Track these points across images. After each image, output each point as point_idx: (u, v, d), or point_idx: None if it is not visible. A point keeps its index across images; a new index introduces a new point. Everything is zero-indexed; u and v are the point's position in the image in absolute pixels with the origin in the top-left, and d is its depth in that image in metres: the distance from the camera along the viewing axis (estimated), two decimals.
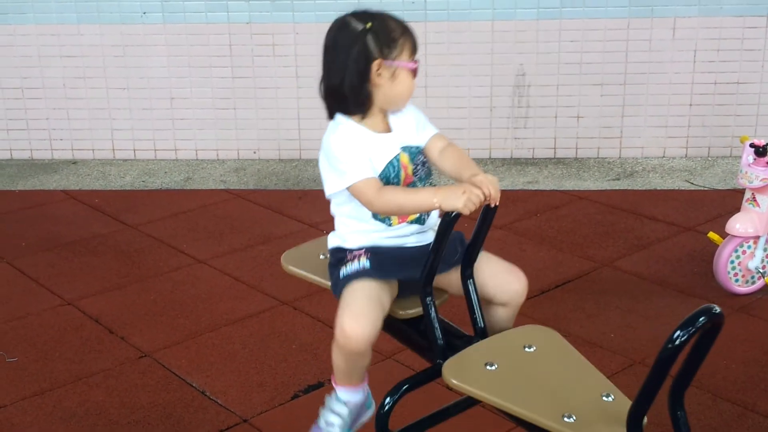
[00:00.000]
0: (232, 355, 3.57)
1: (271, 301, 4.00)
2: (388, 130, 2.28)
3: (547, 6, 5.57)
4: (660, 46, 5.59)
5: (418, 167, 2.32)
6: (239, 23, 5.75)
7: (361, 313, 2.16)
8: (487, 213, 2.26)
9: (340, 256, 2.32)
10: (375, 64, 2.17)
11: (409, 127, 2.31)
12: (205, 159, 5.98)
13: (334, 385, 2.43)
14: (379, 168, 2.22)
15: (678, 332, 1.74)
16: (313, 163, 5.85)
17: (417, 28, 6.20)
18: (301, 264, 2.54)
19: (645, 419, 1.88)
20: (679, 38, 5.57)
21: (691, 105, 5.67)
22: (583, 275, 4.18)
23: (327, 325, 3.76)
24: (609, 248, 4.45)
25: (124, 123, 5.96)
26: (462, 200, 2.07)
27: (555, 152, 5.83)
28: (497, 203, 2.16)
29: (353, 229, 2.29)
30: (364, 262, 2.24)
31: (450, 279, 2.36)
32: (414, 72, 2.23)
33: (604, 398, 1.98)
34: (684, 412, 1.93)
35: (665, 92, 5.67)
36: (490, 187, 2.12)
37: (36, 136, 6.03)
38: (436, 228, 2.32)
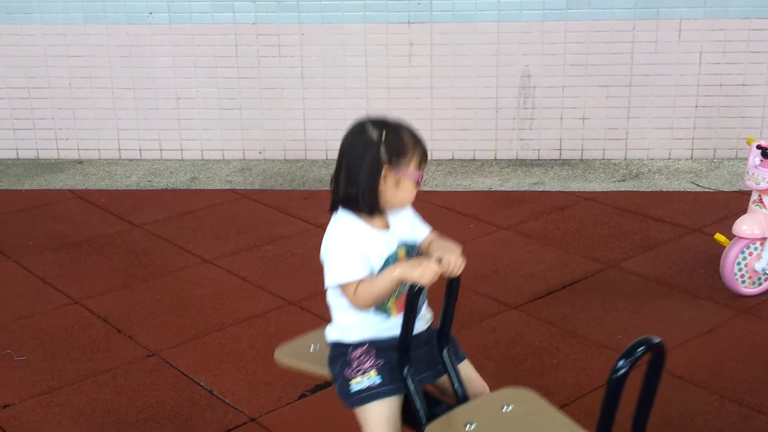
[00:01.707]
0: (239, 354, 3.58)
1: (277, 300, 4.00)
2: (387, 226, 2.37)
3: (552, 7, 5.58)
4: (665, 48, 5.60)
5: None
6: (245, 24, 5.76)
7: (390, 429, 2.31)
8: (451, 284, 2.37)
9: (340, 350, 2.39)
10: (383, 170, 2.27)
11: (405, 225, 2.41)
12: (211, 159, 5.99)
13: None
14: (379, 263, 2.30)
15: (621, 362, 1.80)
16: (319, 163, 5.86)
17: (422, 30, 6.20)
18: (294, 358, 2.62)
19: None
20: (684, 40, 5.58)
21: (696, 107, 5.68)
22: (590, 276, 4.18)
23: None
24: (615, 249, 4.46)
25: (130, 123, 5.98)
26: (417, 271, 2.18)
27: (560, 153, 5.83)
28: (457, 274, 2.26)
29: (352, 320, 2.36)
30: (375, 378, 2.32)
31: (447, 384, 2.46)
32: (417, 183, 2.33)
33: None
34: None
35: (671, 94, 5.67)
36: (450, 258, 2.23)
37: (42, 135, 6.04)
38: (425, 317, 2.43)
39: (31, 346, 3.67)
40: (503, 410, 2.23)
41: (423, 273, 2.19)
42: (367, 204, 2.28)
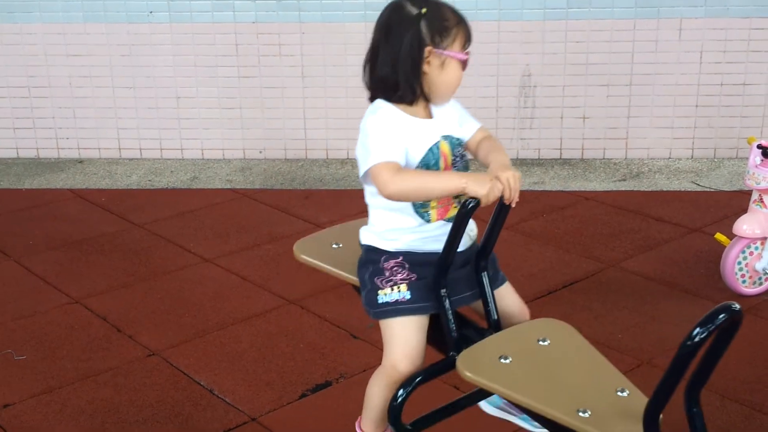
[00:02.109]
0: (239, 353, 3.57)
1: (278, 300, 4.00)
2: (430, 117, 2.25)
3: (553, 6, 5.57)
4: (666, 47, 5.59)
5: (457, 159, 2.30)
6: (245, 23, 5.76)
7: (411, 350, 2.22)
8: (501, 210, 2.26)
9: (373, 257, 2.27)
10: (426, 51, 2.14)
11: (451, 118, 2.29)
12: (211, 158, 5.99)
13: (359, 431, 2.44)
14: (419, 153, 2.18)
15: (697, 329, 1.73)
16: (319, 162, 5.86)
17: None
18: (314, 253, 2.50)
19: (661, 416, 1.87)
20: (685, 39, 5.57)
21: (697, 106, 5.67)
22: (590, 276, 4.18)
23: (334, 324, 3.76)
24: (616, 249, 4.46)
25: (130, 122, 5.97)
26: (486, 188, 2.07)
27: (561, 153, 5.83)
28: (514, 203, 2.16)
29: (388, 225, 2.24)
30: (405, 293, 2.22)
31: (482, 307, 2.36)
32: (464, 64, 2.19)
33: (619, 393, 1.97)
34: (700, 410, 1.93)
35: (671, 93, 5.67)
36: (511, 182, 2.11)
37: (42, 134, 6.04)
38: (472, 233, 2.32)
39: (31, 346, 3.67)
40: (540, 344, 2.13)
41: (491, 191, 2.06)
42: (410, 89, 2.14)
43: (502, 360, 2.06)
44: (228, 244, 4.64)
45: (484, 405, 2.55)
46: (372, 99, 2.25)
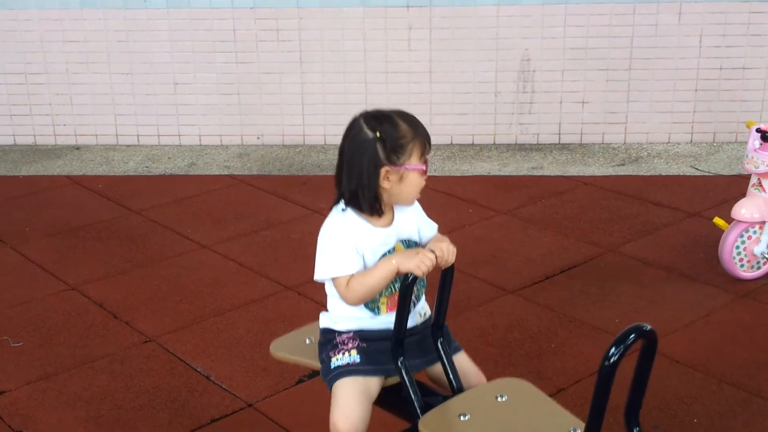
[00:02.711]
0: (236, 340, 3.57)
1: (275, 286, 3.99)
2: (390, 222, 2.33)
3: None
4: (666, 32, 5.56)
5: None
6: (243, 8, 5.73)
7: (351, 412, 2.26)
8: (444, 279, 2.34)
9: (329, 336, 2.38)
10: (383, 171, 2.23)
11: (410, 222, 2.38)
12: (209, 144, 5.97)
13: None
14: (374, 259, 2.28)
15: (612, 349, 1.80)
16: (317, 148, 5.84)
17: (422, 14, 6.16)
18: (289, 350, 2.61)
19: None
20: (684, 23, 5.54)
21: (696, 90, 5.65)
22: (588, 260, 4.17)
23: None
24: (614, 234, 4.44)
25: (127, 108, 5.95)
26: (414, 261, 2.17)
27: (560, 138, 5.81)
28: (451, 263, 2.25)
29: (343, 313, 2.35)
30: (354, 357, 2.31)
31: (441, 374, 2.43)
32: (424, 173, 2.28)
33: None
34: (640, 429, 1.99)
35: (671, 78, 5.64)
36: (442, 247, 2.22)
37: (39, 121, 6.02)
38: (422, 311, 2.41)
39: (28, 333, 3.66)
40: (498, 400, 2.23)
41: (420, 262, 2.17)
42: (368, 203, 2.25)
43: (462, 417, 2.15)
44: (225, 230, 4.62)
45: None
46: (336, 203, 2.34)
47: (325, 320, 2.42)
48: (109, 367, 3.39)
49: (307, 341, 2.60)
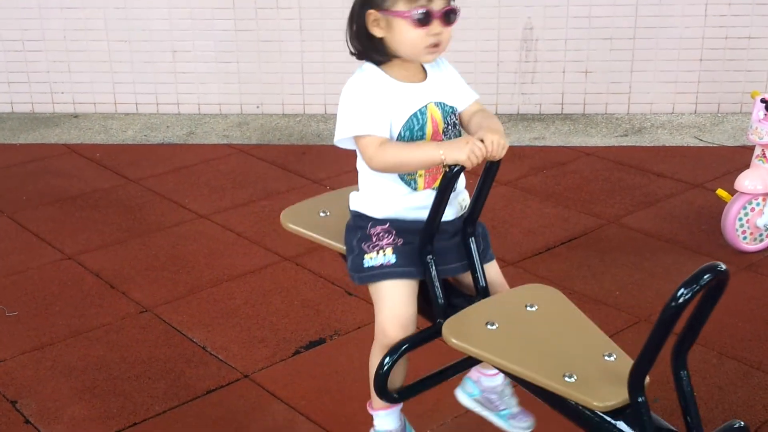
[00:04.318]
0: (233, 310, 3.54)
1: (273, 256, 3.96)
2: (421, 79, 2.18)
3: None
4: (671, 0, 5.48)
5: (449, 128, 2.22)
6: None
7: (398, 313, 2.17)
8: (487, 174, 2.19)
9: (361, 223, 2.23)
10: (369, 15, 2.10)
11: (447, 84, 2.22)
12: (208, 113, 5.92)
13: (371, 412, 2.39)
14: (402, 118, 2.11)
15: (681, 290, 1.68)
16: (317, 117, 5.78)
17: None
18: (301, 222, 2.47)
19: (647, 378, 1.84)
20: None
21: (701, 60, 5.58)
22: (590, 232, 4.13)
23: (329, 281, 3.72)
24: (616, 205, 4.40)
25: (125, 76, 5.89)
26: (465, 152, 2.01)
27: (562, 108, 5.75)
28: (499, 158, 2.09)
29: (377, 191, 2.19)
30: (390, 257, 2.17)
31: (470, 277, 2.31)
32: (415, 21, 2.07)
33: (606, 358, 1.94)
34: (687, 372, 1.89)
35: (675, 47, 5.57)
36: (493, 140, 2.04)
37: (37, 89, 5.97)
38: (463, 203, 2.27)
39: (24, 302, 3.64)
40: (528, 309, 2.10)
41: (470, 152, 2.00)
42: (367, 53, 2.12)
43: (489, 326, 2.03)
44: (224, 200, 4.59)
45: (461, 396, 2.52)
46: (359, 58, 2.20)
47: (357, 202, 2.25)
48: (105, 337, 3.37)
49: (322, 214, 2.45)
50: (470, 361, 2.32)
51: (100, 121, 5.82)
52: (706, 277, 1.69)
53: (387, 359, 2.14)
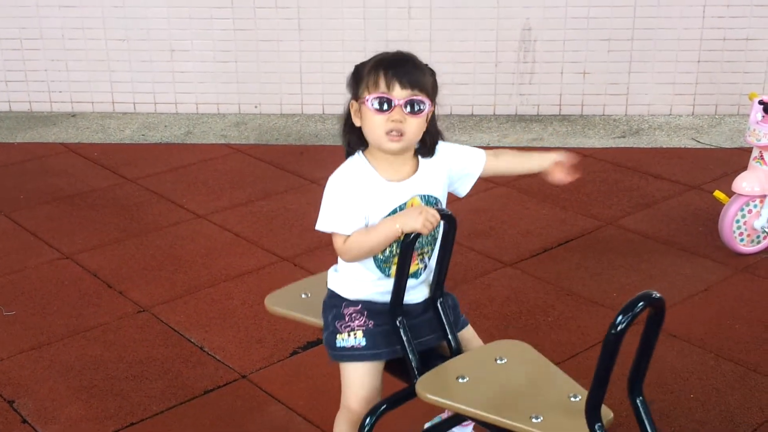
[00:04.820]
0: (231, 310, 3.54)
1: (270, 257, 3.96)
2: (410, 174, 2.20)
3: None
4: (669, 1, 5.49)
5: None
6: None
7: (363, 392, 2.26)
8: (446, 236, 2.25)
9: (335, 302, 2.31)
10: (352, 107, 2.17)
11: (436, 176, 2.25)
12: (206, 113, 5.91)
13: None
14: (382, 214, 2.16)
15: (619, 317, 1.77)
16: (315, 118, 5.78)
17: None
18: (284, 305, 2.55)
19: (608, 411, 1.93)
20: None
21: (699, 62, 5.59)
22: (587, 233, 4.14)
23: None
24: (613, 206, 4.40)
25: (123, 75, 5.89)
26: (420, 220, 2.07)
27: (560, 109, 5.75)
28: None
29: (351, 275, 2.27)
30: (360, 340, 2.25)
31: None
32: (377, 109, 2.09)
33: (572, 399, 2.03)
34: (644, 399, 1.97)
35: (673, 48, 5.57)
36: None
37: (35, 88, 5.96)
38: (430, 283, 2.33)
39: (21, 301, 3.64)
40: (497, 363, 2.18)
41: (424, 222, 2.05)
42: (350, 144, 2.18)
43: (460, 380, 2.12)
44: (221, 200, 4.59)
45: None
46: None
47: (334, 281, 2.32)
48: (103, 337, 3.37)
49: (303, 296, 2.55)
50: (458, 419, 2.42)
51: (98, 121, 5.81)
52: (640, 304, 1.78)
53: (367, 420, 2.20)
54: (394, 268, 2.23)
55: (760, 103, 3.75)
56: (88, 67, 5.89)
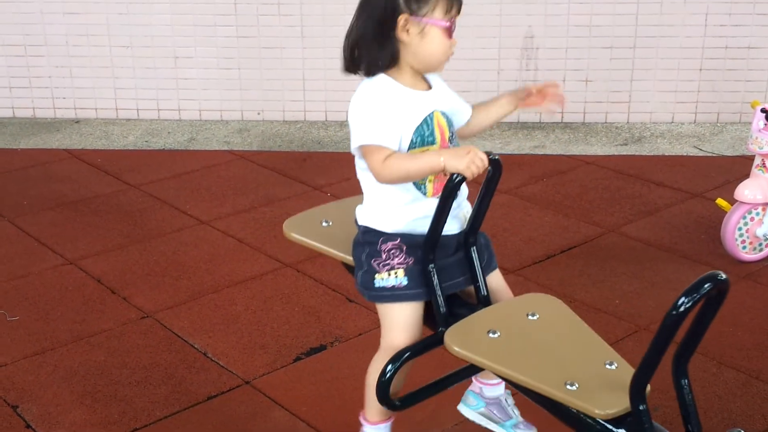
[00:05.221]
0: (234, 316, 3.55)
1: (273, 263, 3.97)
2: (427, 88, 2.19)
3: None
4: (671, 9, 5.50)
5: (453, 136, 2.25)
6: None
7: (405, 331, 2.21)
8: (489, 182, 2.21)
9: (370, 239, 2.22)
10: (401, 19, 2.08)
11: (448, 94, 2.24)
12: (209, 119, 5.93)
13: (364, 423, 2.41)
14: (412, 125, 2.12)
15: (682, 299, 1.71)
16: (318, 124, 5.80)
17: None
18: (303, 231, 2.48)
19: (648, 387, 1.86)
20: (690, 1, 5.48)
21: (701, 69, 5.60)
22: (589, 241, 4.14)
23: (330, 288, 3.73)
24: (616, 214, 4.41)
25: (127, 82, 5.90)
26: (465, 161, 2.02)
27: (562, 116, 5.77)
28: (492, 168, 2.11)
29: (386, 203, 2.19)
30: (402, 279, 2.18)
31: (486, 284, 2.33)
32: (448, 31, 2.11)
33: (608, 366, 1.96)
34: (688, 381, 1.92)
35: (675, 56, 5.59)
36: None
37: (38, 94, 5.98)
38: (466, 215, 2.28)
39: (25, 307, 3.65)
40: (529, 318, 2.11)
41: (470, 162, 2.00)
42: (382, 56, 2.09)
43: (491, 335, 2.04)
44: (224, 206, 4.60)
45: (464, 410, 2.54)
46: (353, 71, 2.19)
47: (365, 216, 2.24)
48: (106, 343, 3.38)
49: (324, 224, 2.47)
50: (471, 370, 2.33)
51: (102, 127, 5.83)
52: (706, 285, 1.71)
53: (389, 366, 2.16)
54: (429, 186, 2.17)
55: (763, 111, 3.76)
56: (92, 74, 5.91)
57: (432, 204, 2.16)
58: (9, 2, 5.80)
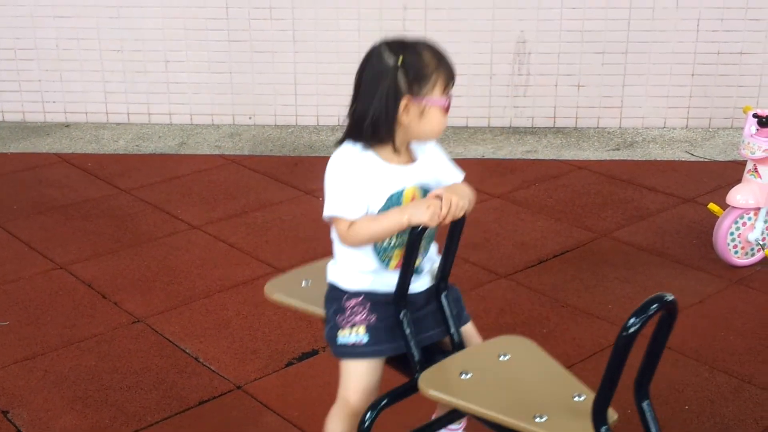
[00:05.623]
0: (225, 321, 3.53)
1: (265, 267, 3.95)
2: (408, 161, 2.21)
3: None
4: (663, 15, 5.52)
5: None
6: None
7: (362, 387, 2.25)
8: (453, 230, 2.23)
9: (336, 295, 2.28)
10: (403, 102, 2.10)
11: (432, 167, 2.24)
12: (200, 124, 5.91)
13: None
14: (383, 198, 2.15)
15: (632, 319, 1.76)
16: (309, 129, 5.79)
17: None
18: (284, 292, 2.54)
19: (613, 413, 1.91)
20: (682, 6, 5.50)
21: (693, 75, 5.61)
22: (582, 245, 4.14)
23: None
24: (607, 219, 4.41)
25: (118, 86, 5.89)
26: (428, 213, 2.06)
27: (555, 121, 5.77)
28: (456, 215, 2.11)
29: (351, 265, 2.24)
30: (362, 336, 2.23)
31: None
32: (446, 109, 2.15)
33: (576, 398, 2.02)
34: (650, 403, 1.96)
35: (668, 61, 5.60)
36: (451, 199, 2.08)
37: (28, 98, 5.95)
38: (434, 273, 2.31)
39: (15, 311, 3.62)
40: (500, 359, 2.16)
41: (432, 215, 2.05)
42: (378, 136, 2.11)
43: (463, 376, 2.10)
44: (216, 210, 4.58)
45: None
46: (343, 140, 2.20)
47: (333, 273, 2.29)
48: (97, 348, 3.36)
49: (303, 284, 2.52)
50: (456, 413, 2.38)
51: (92, 131, 5.81)
52: (653, 306, 1.77)
53: (368, 414, 2.18)
54: (392, 262, 2.21)
55: (755, 116, 3.76)
56: (83, 78, 5.89)
57: (396, 274, 2.20)
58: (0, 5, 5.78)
